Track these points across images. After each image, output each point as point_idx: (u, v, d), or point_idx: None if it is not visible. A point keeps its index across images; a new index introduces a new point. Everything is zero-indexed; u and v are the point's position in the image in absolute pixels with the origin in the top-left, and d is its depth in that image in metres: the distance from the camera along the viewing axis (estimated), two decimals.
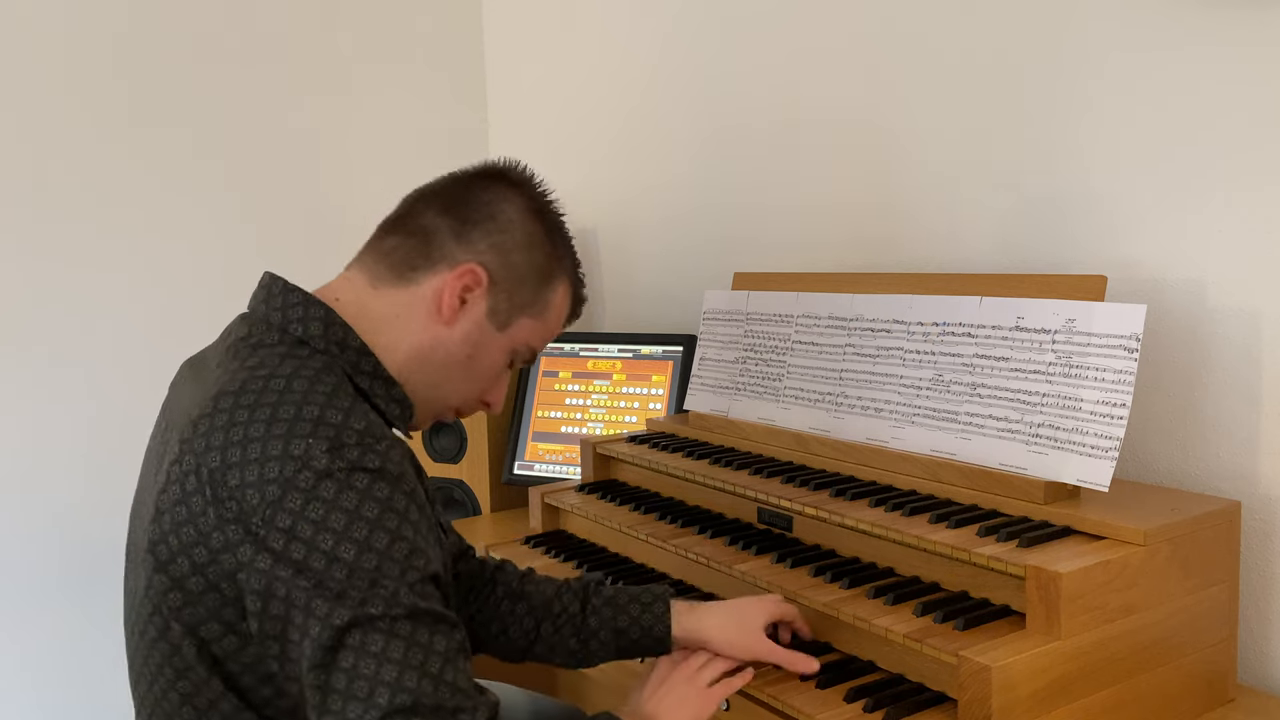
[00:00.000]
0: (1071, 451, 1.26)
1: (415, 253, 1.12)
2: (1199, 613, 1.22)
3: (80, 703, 2.45)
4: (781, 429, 1.64)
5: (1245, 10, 1.32)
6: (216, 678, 0.99)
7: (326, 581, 0.90)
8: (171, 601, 0.98)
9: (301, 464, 0.93)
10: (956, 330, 1.43)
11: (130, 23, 2.43)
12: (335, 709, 0.89)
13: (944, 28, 1.70)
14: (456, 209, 1.14)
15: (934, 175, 1.75)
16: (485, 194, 1.15)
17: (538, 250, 1.16)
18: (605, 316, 2.62)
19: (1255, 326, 1.35)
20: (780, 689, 1.20)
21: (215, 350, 1.12)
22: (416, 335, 1.11)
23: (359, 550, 0.91)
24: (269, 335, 1.07)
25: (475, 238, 1.13)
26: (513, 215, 1.15)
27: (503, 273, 1.13)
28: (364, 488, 0.93)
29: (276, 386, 0.98)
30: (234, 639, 0.97)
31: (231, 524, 0.93)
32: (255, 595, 0.93)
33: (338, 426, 0.95)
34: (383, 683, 0.89)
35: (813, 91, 1.96)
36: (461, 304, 1.12)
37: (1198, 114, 1.39)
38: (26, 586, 2.37)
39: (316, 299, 1.09)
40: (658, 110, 2.37)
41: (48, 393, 2.37)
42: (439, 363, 1.13)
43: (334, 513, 0.92)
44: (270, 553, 0.91)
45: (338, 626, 0.90)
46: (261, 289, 1.12)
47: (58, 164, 2.36)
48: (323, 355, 1.06)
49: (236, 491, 0.93)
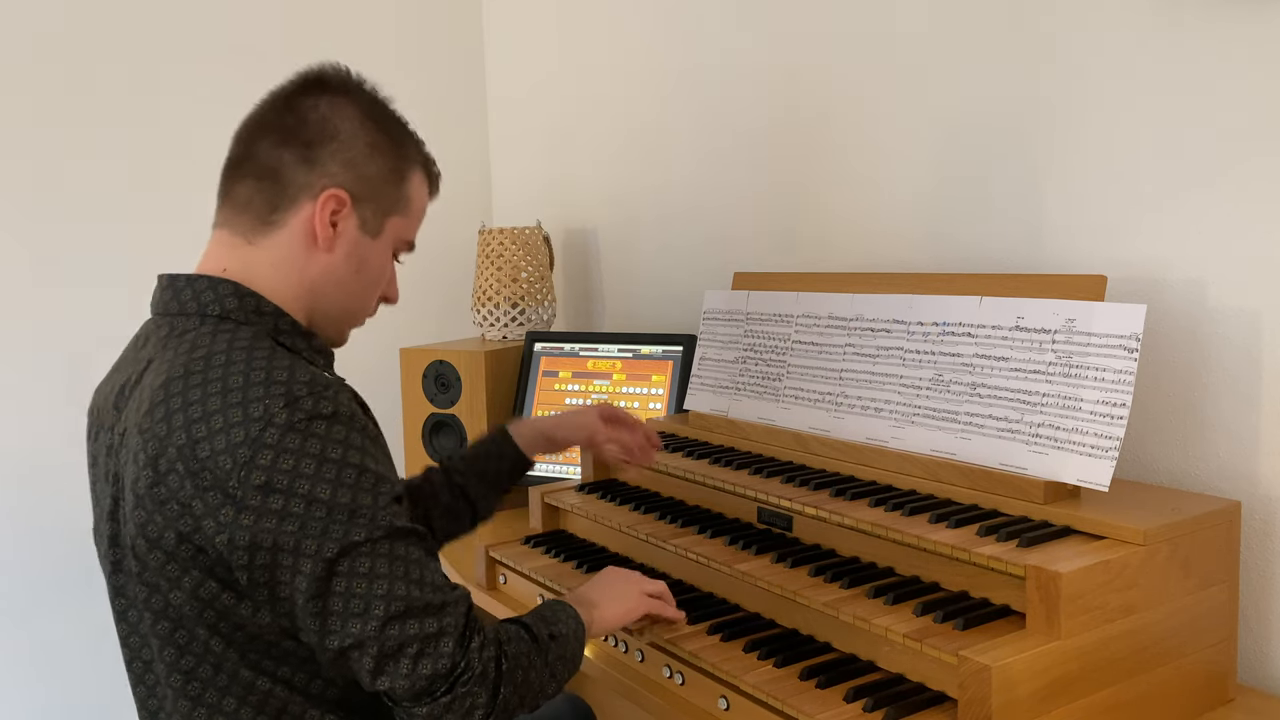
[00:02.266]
0: (1071, 451, 1.26)
1: (272, 194, 1.16)
2: (1199, 613, 1.22)
3: (80, 702, 2.45)
4: (781, 429, 1.64)
5: (1246, 10, 1.32)
6: (217, 638, 1.05)
7: (309, 523, 1.00)
8: (169, 573, 1.04)
9: (265, 423, 1.00)
10: (956, 330, 1.43)
11: (129, 23, 2.43)
12: (336, 629, 1.01)
13: (945, 28, 1.70)
14: (294, 136, 1.16)
15: (933, 175, 1.75)
16: (315, 111, 1.17)
17: (384, 154, 1.20)
18: (605, 316, 2.62)
19: (1255, 326, 1.35)
20: (780, 689, 1.20)
21: (134, 357, 1.17)
22: (304, 270, 1.17)
23: (333, 489, 1.01)
24: (189, 322, 1.12)
25: (323, 160, 1.15)
26: (351, 127, 1.17)
27: (360, 186, 1.17)
28: (324, 433, 1.02)
29: (218, 361, 1.05)
30: (230, 595, 1.04)
31: (209, 491, 1.00)
32: (242, 550, 1.00)
33: (286, 383, 1.03)
34: (376, 596, 1.01)
35: (813, 91, 1.96)
36: (334, 227, 1.16)
37: (1198, 113, 1.39)
38: (28, 586, 2.37)
39: (218, 277, 1.14)
40: (658, 110, 2.37)
41: (49, 393, 2.37)
42: (333, 285, 1.19)
43: (303, 460, 1.00)
44: (250, 510, 0.99)
45: (328, 559, 1.00)
46: (163, 289, 1.17)
47: (60, 165, 2.36)
48: (247, 326, 1.12)
49: (208, 461, 1.00)
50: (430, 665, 1.02)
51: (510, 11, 2.88)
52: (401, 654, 1.01)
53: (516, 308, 2.46)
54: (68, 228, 2.37)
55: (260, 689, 1.07)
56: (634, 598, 1.33)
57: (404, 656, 1.01)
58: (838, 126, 1.92)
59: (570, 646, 1.19)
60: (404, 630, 1.01)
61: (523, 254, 2.46)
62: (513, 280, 2.46)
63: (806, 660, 1.26)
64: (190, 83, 2.50)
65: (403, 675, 1.01)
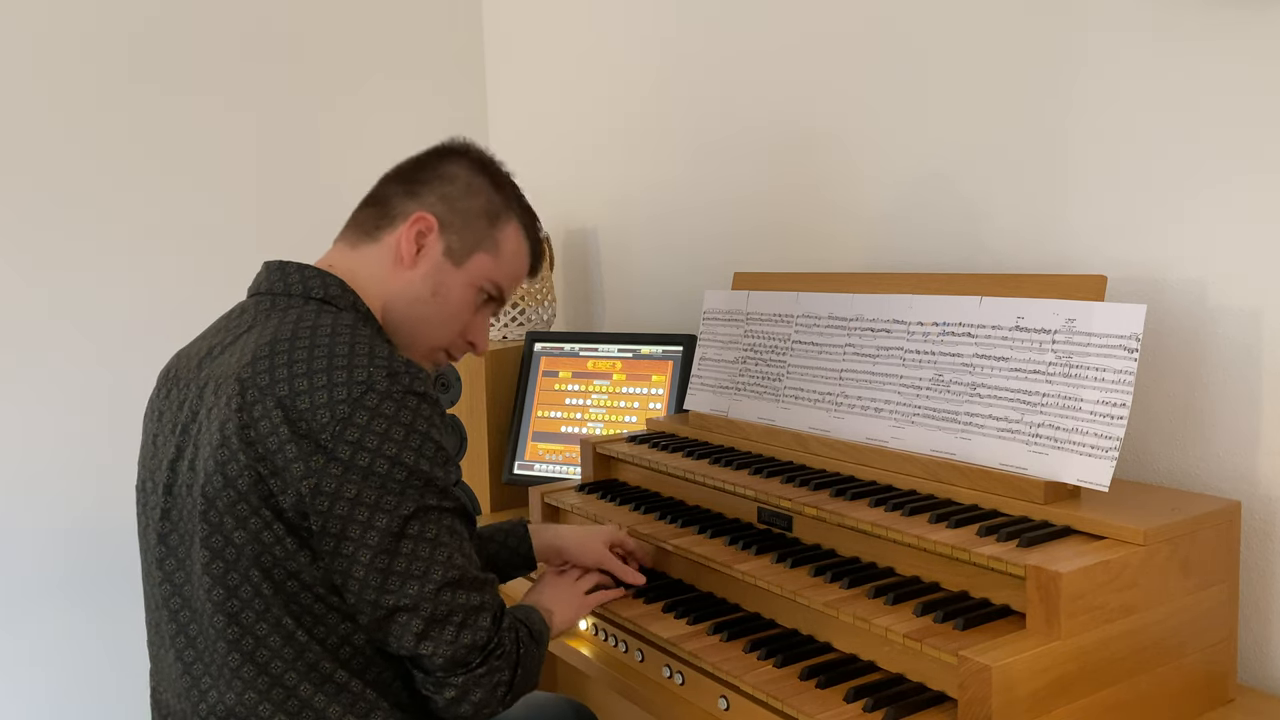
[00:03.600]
0: (1071, 451, 1.26)
1: (378, 215, 1.32)
2: (1199, 613, 1.22)
3: (81, 701, 2.45)
4: (781, 429, 1.64)
5: (1246, 10, 1.32)
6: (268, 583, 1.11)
7: (389, 482, 1.10)
8: (238, 512, 1.10)
9: (367, 387, 1.11)
10: (956, 330, 1.43)
11: (139, 23, 2.43)
12: (395, 589, 1.10)
13: (945, 28, 1.70)
14: (410, 176, 1.34)
15: (933, 174, 1.75)
16: (435, 161, 1.35)
17: (482, 195, 1.34)
18: (605, 316, 2.62)
19: (1255, 326, 1.35)
20: (780, 689, 1.20)
21: (226, 326, 1.26)
22: (389, 282, 1.30)
23: (416, 456, 1.11)
24: (292, 301, 1.24)
25: (424, 193, 1.32)
26: (457, 171, 1.34)
27: (451, 216, 1.32)
28: (414, 407, 1.13)
29: (324, 332, 1.15)
30: (293, 540, 1.11)
31: (304, 438, 1.09)
32: (324, 496, 1.09)
33: (388, 359, 1.14)
34: (438, 562, 1.11)
35: (813, 91, 1.96)
36: (419, 250, 1.30)
37: (1198, 113, 1.39)
38: (29, 585, 2.37)
39: (326, 270, 1.28)
40: (658, 110, 2.37)
41: (50, 393, 2.37)
42: (408, 302, 1.30)
43: (394, 427, 1.11)
44: (339, 461, 1.09)
45: (404, 515, 1.10)
46: (270, 272, 1.29)
47: (61, 166, 2.36)
48: (348, 312, 1.24)
49: (307, 413, 1.09)
50: (470, 636, 1.12)
51: (510, 12, 2.88)
52: (449, 621, 1.11)
53: (516, 308, 2.46)
54: (69, 228, 2.37)
55: (299, 641, 1.12)
56: (577, 599, 1.44)
57: (450, 624, 1.11)
58: (837, 126, 1.92)
59: (543, 645, 1.29)
60: (455, 598, 1.12)
61: None
62: None
63: (807, 660, 1.26)
64: (190, 83, 2.50)
65: (446, 642, 1.11)
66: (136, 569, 2.39)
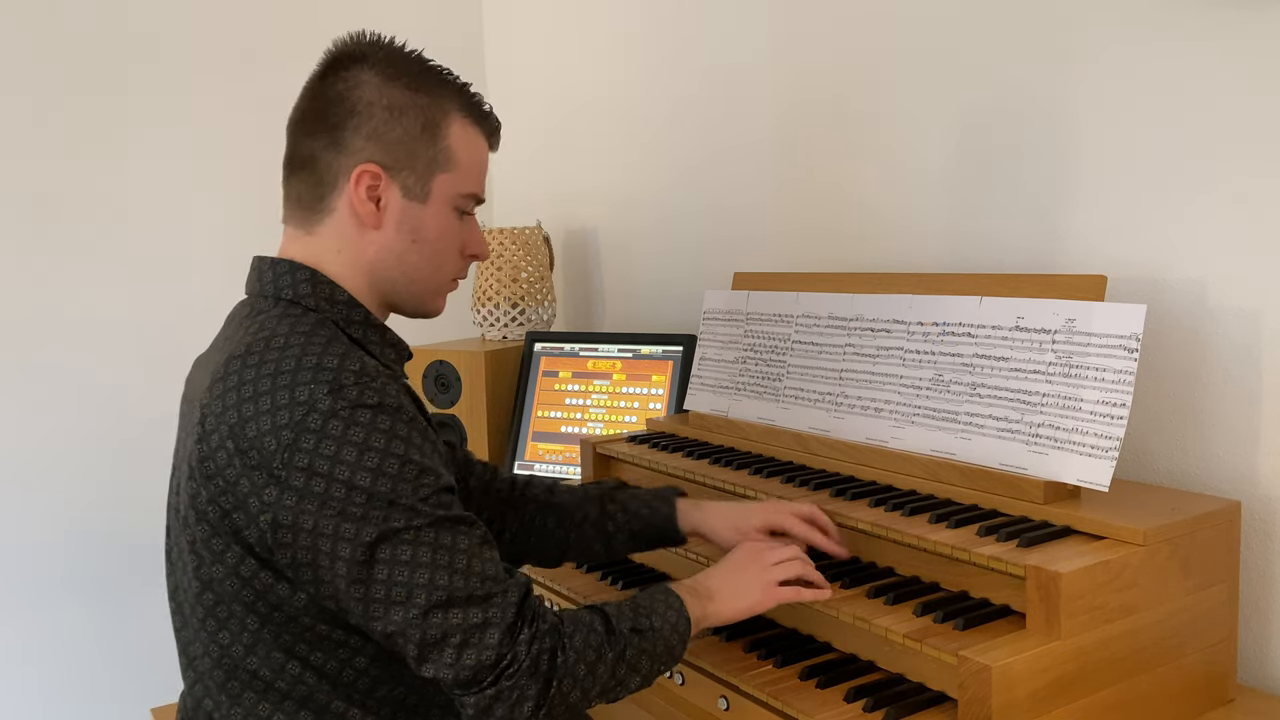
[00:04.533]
0: (1071, 451, 1.26)
1: (314, 183, 1.18)
2: (1199, 613, 1.22)
3: (82, 700, 2.45)
4: (781, 429, 1.64)
5: (1246, 10, 1.32)
6: (253, 616, 1.07)
7: (349, 508, 1.01)
8: (213, 547, 1.06)
9: (308, 408, 1.02)
10: (956, 330, 1.43)
11: (140, 22, 2.43)
12: (379, 615, 1.01)
13: (944, 27, 1.70)
14: (320, 122, 1.17)
15: (933, 175, 1.75)
16: (333, 90, 1.17)
17: (407, 114, 1.16)
18: (605, 316, 2.62)
19: (1255, 326, 1.35)
20: (780, 689, 1.20)
21: (223, 334, 1.20)
22: (362, 251, 1.18)
23: (374, 477, 1.01)
24: (265, 303, 1.16)
25: (349, 140, 1.15)
26: (367, 96, 1.16)
27: (390, 155, 1.16)
28: (368, 421, 1.03)
29: (276, 344, 1.07)
30: (269, 574, 1.05)
31: (255, 470, 1.02)
32: (285, 529, 1.02)
33: (335, 370, 1.04)
34: (418, 585, 1.01)
35: (815, 92, 1.96)
36: (377, 204, 1.16)
37: (1198, 113, 1.39)
38: (30, 585, 2.37)
39: (299, 263, 1.17)
40: (658, 110, 2.37)
41: (50, 393, 2.37)
42: (394, 261, 1.19)
43: (345, 447, 1.01)
44: (293, 490, 1.01)
45: (367, 543, 1.01)
46: (253, 271, 1.20)
47: (65, 166, 2.36)
48: (314, 313, 1.14)
49: (255, 441, 1.02)
50: (475, 656, 1.01)
51: (510, 12, 2.88)
52: (445, 644, 1.01)
53: (516, 308, 2.46)
54: (70, 228, 2.37)
55: (290, 673, 1.09)
56: (759, 591, 1.23)
57: (447, 646, 1.01)
58: (838, 127, 1.92)
59: (662, 641, 1.13)
60: (447, 619, 1.01)
61: (523, 254, 2.46)
62: (513, 280, 2.46)
63: (806, 660, 1.26)
64: (190, 84, 2.50)
65: (447, 665, 1.01)
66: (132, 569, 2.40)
